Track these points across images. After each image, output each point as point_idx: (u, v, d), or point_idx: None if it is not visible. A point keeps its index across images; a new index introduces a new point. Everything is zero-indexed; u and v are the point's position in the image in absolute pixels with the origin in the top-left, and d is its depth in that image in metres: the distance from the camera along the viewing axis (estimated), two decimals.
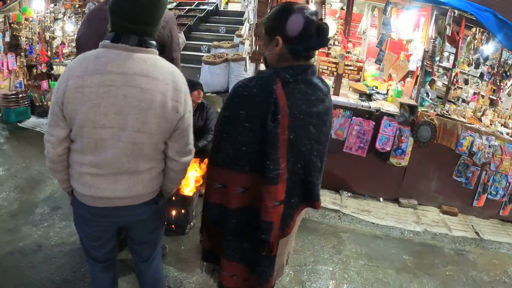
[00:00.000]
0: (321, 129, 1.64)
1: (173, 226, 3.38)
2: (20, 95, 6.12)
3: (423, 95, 4.78)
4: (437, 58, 4.50)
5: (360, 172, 4.76)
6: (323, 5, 4.78)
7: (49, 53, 6.97)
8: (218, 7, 8.67)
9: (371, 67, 5.50)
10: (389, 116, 4.49)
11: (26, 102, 6.22)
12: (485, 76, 5.37)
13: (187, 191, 3.39)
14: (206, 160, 3.32)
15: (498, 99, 5.31)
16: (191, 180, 3.50)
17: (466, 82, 5.19)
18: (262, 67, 3.47)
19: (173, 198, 3.27)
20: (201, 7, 8.43)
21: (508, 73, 5.11)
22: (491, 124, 4.70)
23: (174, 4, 8.87)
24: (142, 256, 1.99)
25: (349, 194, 4.76)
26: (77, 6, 8.10)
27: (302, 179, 1.66)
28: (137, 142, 1.55)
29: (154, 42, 1.59)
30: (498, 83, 5.20)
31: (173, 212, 3.35)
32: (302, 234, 3.74)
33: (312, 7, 3.87)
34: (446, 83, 5.08)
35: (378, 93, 4.97)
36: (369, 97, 4.96)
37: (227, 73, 5.99)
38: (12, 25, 7.54)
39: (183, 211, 3.38)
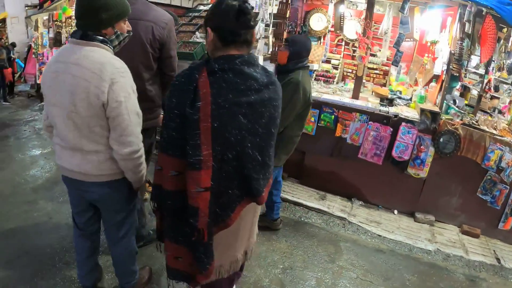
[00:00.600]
0: (257, 121, 1.61)
1: None
2: None
3: (449, 102, 4.39)
4: (465, 62, 4.10)
5: (375, 181, 4.46)
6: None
7: None
8: None
9: (397, 71, 5.16)
10: (408, 122, 4.17)
11: None
12: None
13: None
14: None
15: None
16: None
17: (496, 88, 4.69)
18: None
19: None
20: None
21: None
22: None
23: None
24: (108, 236, 2.29)
25: (361, 203, 4.47)
26: None
27: (239, 171, 1.63)
28: (74, 122, 1.83)
29: (98, 37, 1.83)
30: None
31: None
32: (298, 237, 3.62)
33: None
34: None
35: (400, 98, 4.64)
36: (390, 102, 4.66)
37: None
38: (55, 22, 8.07)
39: None
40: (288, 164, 4.62)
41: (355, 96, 4.75)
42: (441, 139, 4.06)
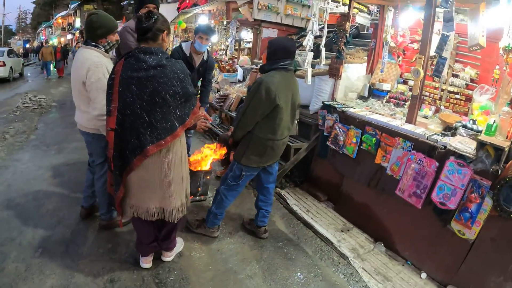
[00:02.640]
0: (142, 89, 2.33)
1: None
2: None
3: None
4: None
5: (409, 228, 3.53)
6: None
7: None
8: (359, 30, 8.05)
9: (482, 97, 3.96)
10: (458, 157, 3.16)
11: None
12: None
13: (193, 167, 3.99)
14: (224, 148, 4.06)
15: None
16: (207, 161, 4.12)
17: None
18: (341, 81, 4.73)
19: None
20: None
21: None
22: None
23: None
24: (94, 173, 3.30)
25: (383, 249, 3.59)
26: (224, 23, 9.14)
27: (135, 124, 2.36)
28: (75, 92, 3.05)
29: (92, 43, 2.97)
30: None
31: None
32: (275, 253, 3.41)
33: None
34: None
35: (465, 127, 3.55)
36: (455, 132, 3.62)
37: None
38: (175, 33, 9.23)
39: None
40: (328, 185, 4.49)
41: (409, 120, 3.87)
42: (505, 190, 2.91)
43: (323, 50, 4.75)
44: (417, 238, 3.44)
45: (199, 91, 4.72)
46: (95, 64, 2.84)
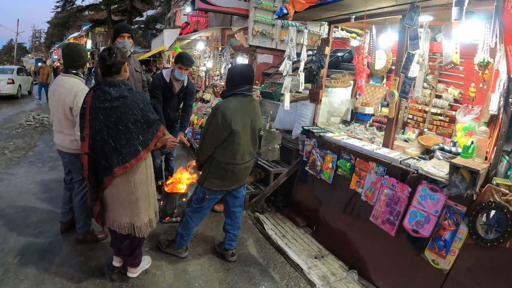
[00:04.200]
0: (108, 119, 2.57)
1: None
2: None
3: None
4: None
5: (383, 256, 3.31)
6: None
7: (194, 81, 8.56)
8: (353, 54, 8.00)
9: (466, 118, 3.74)
10: (431, 182, 2.95)
11: None
12: None
13: (168, 188, 4.22)
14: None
15: None
16: (183, 184, 4.28)
17: None
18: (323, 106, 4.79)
19: None
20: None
21: None
22: None
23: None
24: (73, 190, 3.46)
25: (356, 277, 3.39)
26: (220, 49, 9.21)
27: (104, 148, 2.60)
28: (59, 117, 3.21)
29: (73, 71, 3.25)
30: None
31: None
32: (239, 277, 3.33)
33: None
34: None
35: (443, 149, 3.34)
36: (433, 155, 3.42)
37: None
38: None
39: (161, 202, 4.18)
40: (307, 211, 4.41)
41: (386, 143, 3.69)
42: (481, 216, 2.68)
43: (302, 75, 4.67)
44: (391, 267, 3.21)
45: (180, 116, 4.77)
46: (81, 91, 3.09)
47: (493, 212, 2.61)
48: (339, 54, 6.92)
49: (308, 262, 3.61)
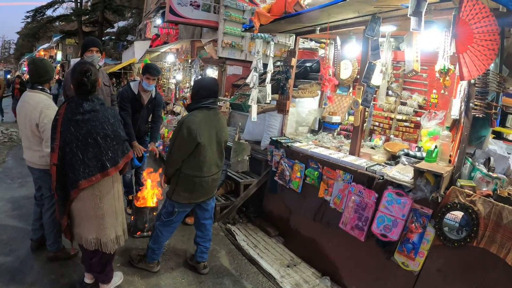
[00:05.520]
0: (78, 131, 2.58)
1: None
2: None
3: (478, 161, 3.01)
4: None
5: (354, 262, 3.31)
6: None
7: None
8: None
9: (430, 123, 3.83)
10: (397, 187, 2.97)
11: None
12: None
13: (138, 203, 4.13)
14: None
15: None
16: (153, 198, 4.23)
17: None
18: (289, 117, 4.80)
19: None
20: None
21: None
22: None
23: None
24: (43, 206, 3.39)
25: (329, 284, 3.40)
26: (189, 61, 9.18)
27: (72, 160, 2.59)
28: (27, 133, 3.18)
29: (39, 86, 3.21)
30: None
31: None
32: (203, 286, 3.33)
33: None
34: None
35: (407, 155, 3.39)
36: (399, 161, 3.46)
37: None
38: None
39: (132, 217, 4.15)
40: (279, 220, 4.44)
41: (352, 151, 3.72)
42: (447, 217, 2.72)
43: (269, 86, 4.69)
44: (363, 272, 3.23)
45: (149, 128, 4.73)
46: (47, 107, 3.11)
47: (457, 213, 2.66)
48: (308, 64, 7.01)
49: (281, 271, 3.60)
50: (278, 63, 7.63)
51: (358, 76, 4.75)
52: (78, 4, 26.15)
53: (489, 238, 2.53)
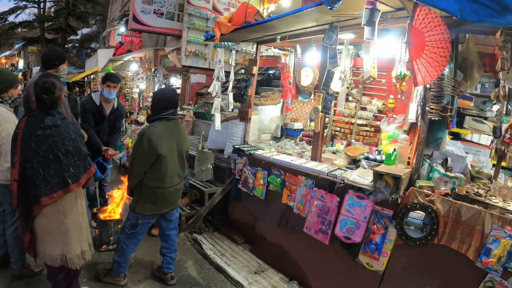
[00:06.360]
0: (39, 146, 2.49)
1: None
2: None
3: (436, 161, 3.09)
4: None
5: (320, 265, 3.33)
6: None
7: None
8: None
9: (390, 126, 3.92)
10: (358, 190, 3.01)
11: None
12: None
13: (103, 216, 4.03)
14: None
15: None
16: (118, 211, 4.13)
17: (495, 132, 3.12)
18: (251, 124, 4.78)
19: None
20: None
21: None
22: None
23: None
24: (6, 222, 3.21)
25: None
26: (153, 70, 9.04)
27: (33, 176, 2.49)
28: None
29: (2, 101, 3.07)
30: None
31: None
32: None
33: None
34: None
35: (367, 158, 3.45)
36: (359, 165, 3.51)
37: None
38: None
39: (96, 231, 4.05)
40: (244, 228, 4.40)
41: (314, 157, 3.75)
42: (407, 217, 2.78)
43: (231, 95, 4.68)
44: (330, 274, 3.25)
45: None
46: (4, 120, 2.99)
47: (418, 213, 2.73)
48: (271, 71, 7.02)
49: (249, 278, 3.58)
50: (242, 71, 7.64)
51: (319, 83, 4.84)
52: (41, 10, 25.20)
53: (450, 235, 2.61)
